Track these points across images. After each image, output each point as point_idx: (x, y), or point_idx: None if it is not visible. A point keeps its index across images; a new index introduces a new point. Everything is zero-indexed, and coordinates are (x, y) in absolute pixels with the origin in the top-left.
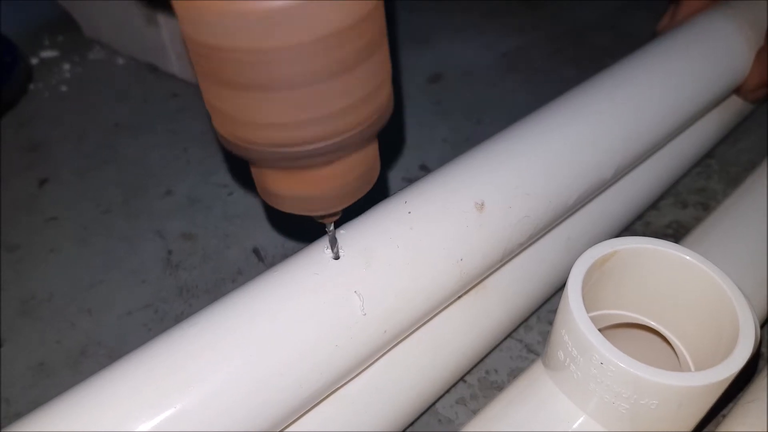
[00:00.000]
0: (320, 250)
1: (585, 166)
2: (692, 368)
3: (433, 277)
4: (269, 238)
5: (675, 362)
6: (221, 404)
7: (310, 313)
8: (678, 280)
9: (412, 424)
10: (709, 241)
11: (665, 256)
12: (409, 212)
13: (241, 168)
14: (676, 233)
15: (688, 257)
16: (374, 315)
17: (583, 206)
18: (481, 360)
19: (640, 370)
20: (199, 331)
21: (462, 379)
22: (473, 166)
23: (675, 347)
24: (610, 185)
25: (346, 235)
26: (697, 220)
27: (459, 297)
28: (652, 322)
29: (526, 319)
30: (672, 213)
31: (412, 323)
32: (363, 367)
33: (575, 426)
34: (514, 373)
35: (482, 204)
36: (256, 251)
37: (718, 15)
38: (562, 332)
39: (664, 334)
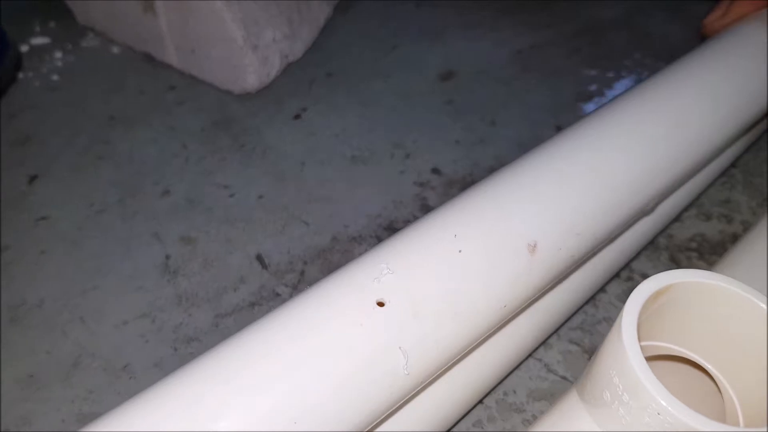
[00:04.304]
0: (364, 283)
1: (631, 200)
2: (740, 416)
3: (475, 325)
4: (274, 243)
5: (715, 399)
6: None
7: (350, 372)
8: (737, 320)
9: None
10: (750, 266)
11: (727, 294)
12: (460, 251)
13: (244, 168)
14: (699, 247)
15: (756, 300)
16: (416, 373)
17: None
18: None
19: (706, 426)
20: (223, 369)
21: (479, 400)
22: (527, 199)
23: (722, 389)
24: None
25: (392, 275)
26: (721, 233)
27: None
28: (704, 361)
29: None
30: (695, 226)
31: (444, 369)
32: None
33: None
34: (534, 395)
35: (535, 245)
36: (260, 258)
37: None
38: (611, 373)
39: (712, 374)
